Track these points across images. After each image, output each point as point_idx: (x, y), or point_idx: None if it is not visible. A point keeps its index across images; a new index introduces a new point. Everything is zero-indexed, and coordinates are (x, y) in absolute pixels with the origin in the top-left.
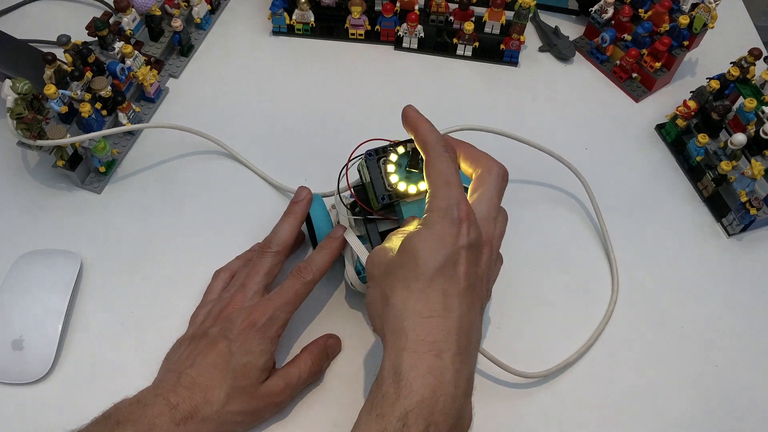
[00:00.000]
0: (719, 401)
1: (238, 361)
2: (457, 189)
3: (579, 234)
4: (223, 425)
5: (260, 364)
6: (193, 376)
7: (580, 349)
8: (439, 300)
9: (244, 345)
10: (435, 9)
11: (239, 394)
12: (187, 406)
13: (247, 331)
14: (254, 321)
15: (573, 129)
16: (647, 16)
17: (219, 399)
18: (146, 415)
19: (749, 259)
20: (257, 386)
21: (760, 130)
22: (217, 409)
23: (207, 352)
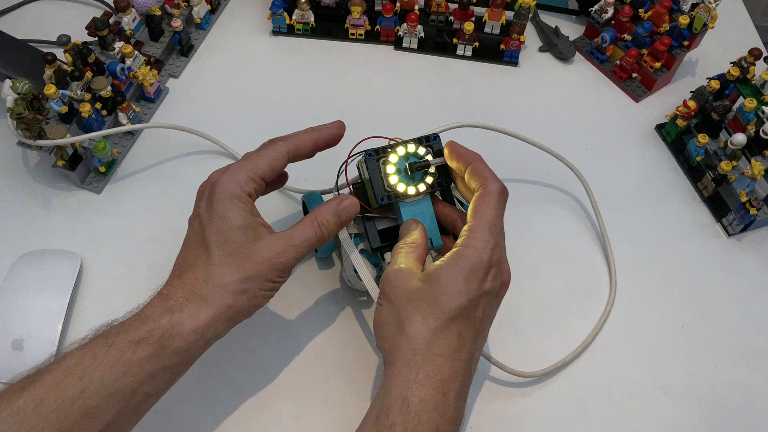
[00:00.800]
0: (719, 402)
1: (211, 229)
2: (497, 234)
3: (578, 233)
4: (229, 298)
5: (237, 223)
6: (180, 263)
7: (578, 349)
8: (454, 341)
9: (211, 212)
10: (435, 9)
11: (230, 261)
12: (179, 292)
13: (211, 199)
14: (212, 185)
15: (573, 129)
16: (647, 16)
17: (212, 273)
18: (142, 309)
19: (749, 259)
20: (248, 247)
21: (760, 130)
22: (214, 284)
23: (187, 238)
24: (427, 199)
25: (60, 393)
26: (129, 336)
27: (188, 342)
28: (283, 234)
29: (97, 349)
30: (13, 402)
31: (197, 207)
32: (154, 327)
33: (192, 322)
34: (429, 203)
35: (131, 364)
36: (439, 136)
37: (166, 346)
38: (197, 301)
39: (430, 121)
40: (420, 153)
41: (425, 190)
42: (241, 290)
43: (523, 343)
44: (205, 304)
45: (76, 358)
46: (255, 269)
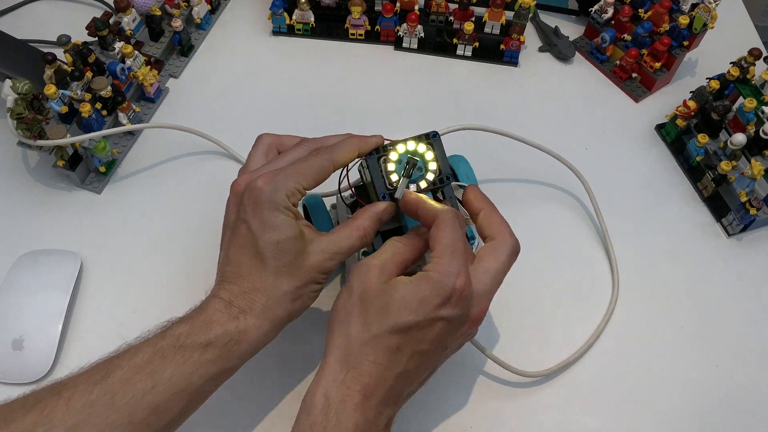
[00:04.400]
0: (719, 401)
1: (264, 240)
2: (461, 259)
3: (579, 233)
4: (288, 306)
5: (289, 235)
6: (234, 270)
7: (581, 349)
8: (390, 353)
9: (262, 222)
10: (435, 9)
11: (285, 272)
12: (241, 300)
13: (258, 207)
14: (259, 193)
15: (573, 129)
16: (647, 16)
17: (268, 285)
18: (203, 312)
19: (749, 259)
20: (300, 257)
21: (760, 130)
22: (274, 294)
23: (234, 242)
24: (429, 195)
25: (131, 388)
26: (198, 339)
27: (252, 347)
28: (329, 240)
29: (167, 349)
30: (86, 395)
31: (243, 212)
32: (221, 332)
33: (256, 331)
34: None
35: (199, 365)
36: (438, 133)
37: (232, 351)
38: (260, 311)
39: (431, 121)
40: (420, 150)
41: (426, 187)
42: (296, 297)
43: (526, 343)
44: (267, 314)
45: (147, 355)
46: (307, 276)
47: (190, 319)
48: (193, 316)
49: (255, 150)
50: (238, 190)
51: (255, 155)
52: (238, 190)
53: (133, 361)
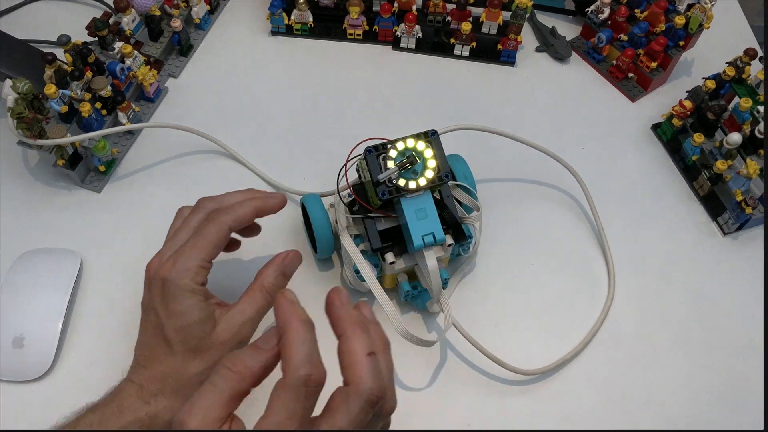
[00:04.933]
0: (715, 398)
1: (170, 327)
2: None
3: (576, 232)
4: (194, 388)
5: (194, 319)
6: (146, 354)
7: (578, 347)
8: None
9: (167, 310)
10: (432, 9)
11: (193, 355)
12: (152, 384)
13: (163, 296)
14: (162, 282)
15: (569, 128)
16: (643, 16)
17: (177, 368)
18: (116, 397)
19: (744, 257)
20: (208, 338)
21: (756, 129)
22: (182, 377)
23: (145, 327)
24: (428, 193)
25: None
26: (112, 423)
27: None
28: (235, 311)
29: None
30: None
31: (151, 300)
32: (133, 419)
33: (168, 413)
34: (430, 197)
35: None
36: (437, 131)
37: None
38: (170, 393)
39: (428, 121)
40: (419, 148)
41: (426, 184)
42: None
43: (523, 341)
44: (177, 396)
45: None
46: (217, 355)
47: (103, 405)
48: (106, 403)
49: (174, 223)
50: (148, 275)
51: (172, 228)
52: (148, 275)
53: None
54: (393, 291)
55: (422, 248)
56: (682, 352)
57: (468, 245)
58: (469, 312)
